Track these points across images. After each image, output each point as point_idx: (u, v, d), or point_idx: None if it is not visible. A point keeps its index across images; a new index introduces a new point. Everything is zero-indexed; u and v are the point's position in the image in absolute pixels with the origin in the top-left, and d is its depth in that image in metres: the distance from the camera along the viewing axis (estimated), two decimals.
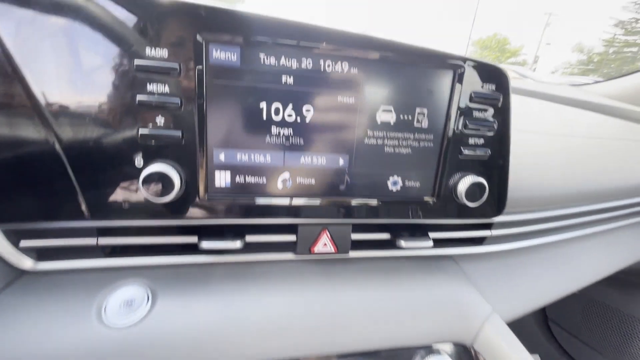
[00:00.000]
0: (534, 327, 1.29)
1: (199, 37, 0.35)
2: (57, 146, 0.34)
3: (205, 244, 0.42)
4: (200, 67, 0.35)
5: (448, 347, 0.47)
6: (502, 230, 0.56)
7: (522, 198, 0.54)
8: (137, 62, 0.34)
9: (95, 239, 0.41)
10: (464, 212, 0.48)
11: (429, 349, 0.46)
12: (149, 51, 0.34)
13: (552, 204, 0.58)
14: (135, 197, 0.37)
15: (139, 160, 0.36)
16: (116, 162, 0.36)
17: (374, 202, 0.45)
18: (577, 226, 0.67)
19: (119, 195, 0.37)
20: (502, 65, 0.44)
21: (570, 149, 0.62)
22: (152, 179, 0.35)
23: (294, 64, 0.38)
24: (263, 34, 0.36)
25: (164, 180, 0.36)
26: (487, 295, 0.52)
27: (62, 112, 0.33)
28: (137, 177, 0.36)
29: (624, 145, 0.70)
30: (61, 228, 0.39)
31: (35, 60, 0.32)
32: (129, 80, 0.34)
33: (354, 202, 0.44)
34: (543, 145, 0.59)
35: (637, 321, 1.05)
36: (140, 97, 0.35)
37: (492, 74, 0.44)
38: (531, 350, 0.44)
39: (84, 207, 0.36)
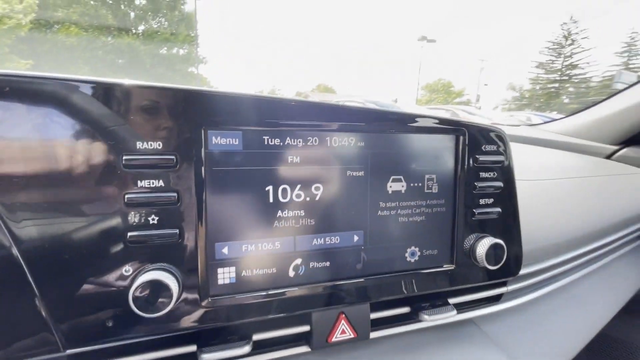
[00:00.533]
0: None
1: (196, 125, 0.32)
2: (17, 254, 0.28)
3: (207, 357, 0.35)
4: (199, 156, 0.32)
5: None
6: (516, 285, 0.54)
7: (531, 250, 0.53)
8: (125, 158, 0.29)
9: None
10: (484, 275, 0.46)
11: None
12: (139, 145, 0.30)
13: (558, 251, 0.58)
14: (121, 314, 0.31)
15: (127, 269, 0.30)
16: (98, 274, 0.30)
17: (392, 277, 0.41)
18: (581, 266, 0.67)
19: (100, 314, 0.30)
20: (499, 127, 0.45)
21: (561, 193, 0.64)
22: (144, 290, 0.29)
23: (299, 142, 0.35)
24: (265, 116, 0.34)
25: (159, 290, 0.30)
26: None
27: (29, 212, 0.28)
28: (125, 289, 0.30)
29: (603, 181, 0.74)
30: None
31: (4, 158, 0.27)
32: (116, 179, 0.30)
33: (372, 279, 0.40)
34: (538, 193, 0.60)
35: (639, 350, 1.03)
36: (129, 196, 0.30)
37: (491, 135, 0.44)
38: None
39: (54, 336, 0.29)
